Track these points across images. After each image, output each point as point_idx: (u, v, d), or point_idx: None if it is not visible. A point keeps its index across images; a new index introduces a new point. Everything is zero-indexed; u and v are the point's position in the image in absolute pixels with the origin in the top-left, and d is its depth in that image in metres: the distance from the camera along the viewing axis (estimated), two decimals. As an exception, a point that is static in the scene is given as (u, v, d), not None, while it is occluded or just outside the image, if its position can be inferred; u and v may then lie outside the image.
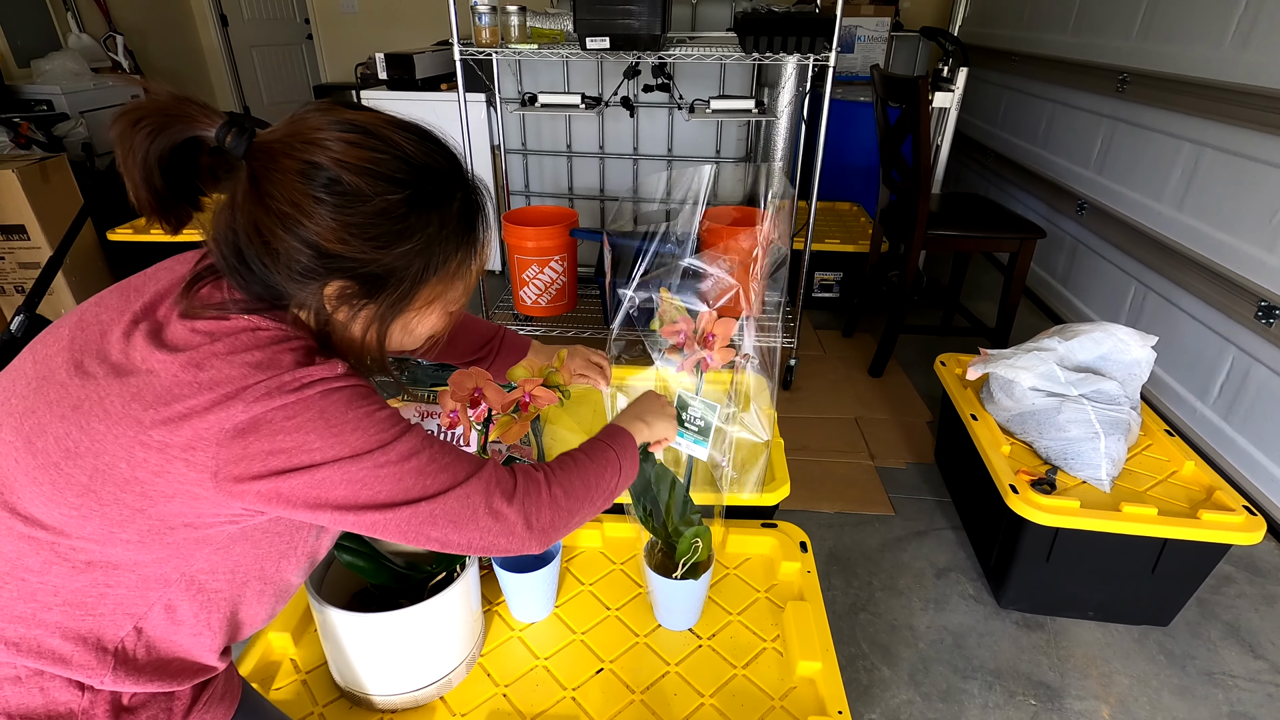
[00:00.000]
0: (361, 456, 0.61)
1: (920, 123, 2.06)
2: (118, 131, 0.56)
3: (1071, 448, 1.45)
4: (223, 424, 0.57)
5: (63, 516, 0.59)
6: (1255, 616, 1.54)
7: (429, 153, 0.63)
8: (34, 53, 3.75)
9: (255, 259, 0.59)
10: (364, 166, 0.58)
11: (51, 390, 0.60)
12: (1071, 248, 2.76)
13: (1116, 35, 2.51)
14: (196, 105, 0.58)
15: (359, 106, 0.63)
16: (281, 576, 0.72)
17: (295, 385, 0.59)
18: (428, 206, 0.62)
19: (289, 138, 0.59)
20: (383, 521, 0.63)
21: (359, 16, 5.11)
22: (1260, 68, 1.84)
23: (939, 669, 1.41)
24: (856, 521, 1.79)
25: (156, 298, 0.65)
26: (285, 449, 0.58)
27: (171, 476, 0.58)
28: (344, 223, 0.58)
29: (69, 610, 0.61)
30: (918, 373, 2.48)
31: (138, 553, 0.61)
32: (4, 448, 0.60)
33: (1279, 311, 1.72)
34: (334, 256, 0.59)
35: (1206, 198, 2.03)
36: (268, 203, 0.57)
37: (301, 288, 0.61)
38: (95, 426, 0.58)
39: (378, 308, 0.64)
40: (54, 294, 2.69)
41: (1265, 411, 1.80)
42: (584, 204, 2.95)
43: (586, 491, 0.77)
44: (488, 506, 0.68)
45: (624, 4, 1.90)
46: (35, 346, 0.66)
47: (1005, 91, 3.37)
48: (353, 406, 0.61)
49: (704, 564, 1.04)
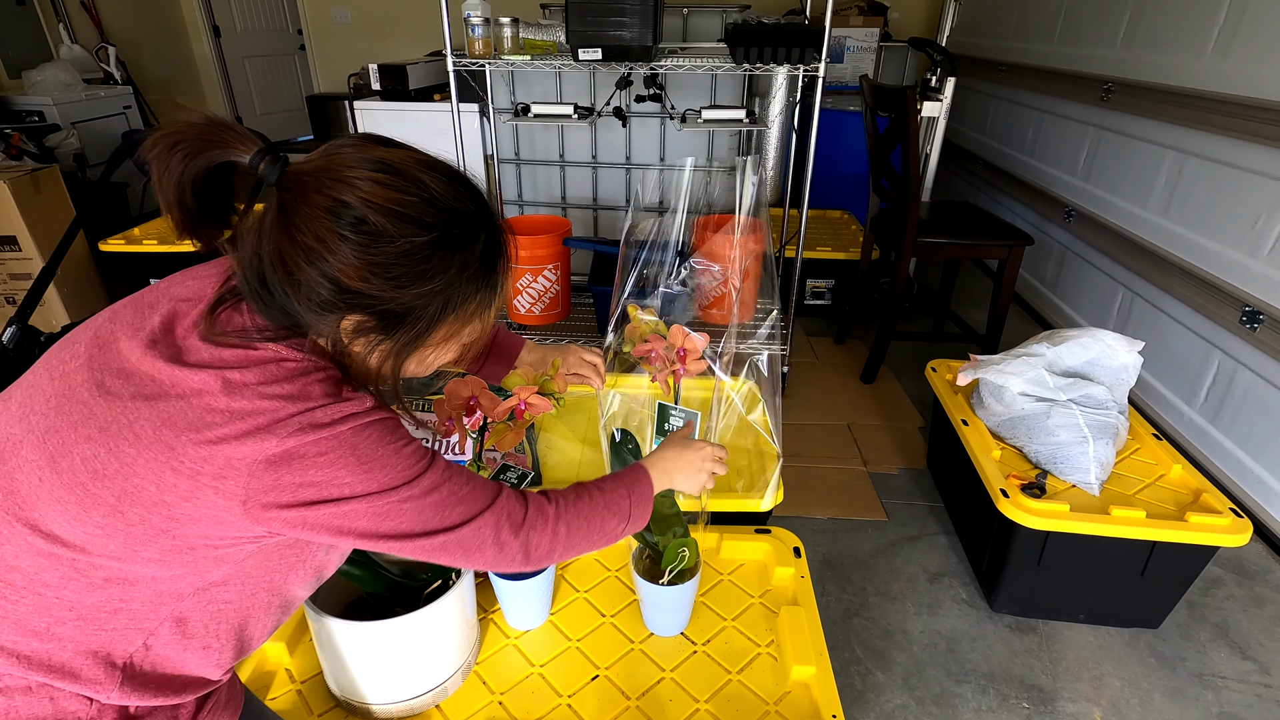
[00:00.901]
0: (388, 492, 0.63)
1: (909, 132, 2.09)
2: (155, 153, 0.58)
3: (1061, 452, 1.46)
4: (255, 455, 0.58)
5: (86, 535, 0.59)
6: (1244, 618, 1.56)
7: (457, 195, 0.63)
8: (25, 64, 3.74)
9: (277, 286, 0.60)
10: (391, 208, 0.59)
11: (74, 409, 0.61)
12: (1059, 254, 2.79)
13: (1101, 45, 2.55)
14: (233, 131, 0.59)
15: (392, 143, 0.63)
16: (288, 589, 0.73)
17: (328, 421, 0.60)
18: (451, 248, 0.63)
19: (321, 172, 0.60)
20: (398, 547, 0.66)
21: (352, 28, 5.13)
22: (1240, 77, 1.87)
23: (932, 673, 1.41)
24: (850, 527, 1.80)
25: (172, 315, 0.65)
26: (316, 482, 0.60)
27: (200, 501, 0.59)
28: (367, 261, 0.59)
29: (82, 625, 0.61)
30: (909, 379, 2.50)
31: (157, 569, 0.62)
32: (26, 466, 0.60)
33: (1263, 316, 1.75)
34: (354, 292, 0.60)
35: (1190, 204, 2.06)
36: (293, 234, 0.59)
37: (320, 319, 0.62)
38: (125, 450, 0.58)
39: (394, 343, 0.65)
40: (45, 305, 2.68)
41: (1251, 415, 1.82)
42: (577, 213, 2.96)
43: (588, 533, 0.79)
44: (495, 538, 0.71)
45: (616, 16, 1.92)
46: (51, 362, 0.66)
47: (993, 100, 3.41)
48: (383, 443, 0.63)
49: (690, 570, 1.04)
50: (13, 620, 0.60)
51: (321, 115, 4.86)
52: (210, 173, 0.60)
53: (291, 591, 0.74)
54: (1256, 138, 1.80)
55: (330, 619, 0.86)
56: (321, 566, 0.76)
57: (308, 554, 0.72)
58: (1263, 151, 1.79)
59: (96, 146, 3.67)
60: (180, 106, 0.61)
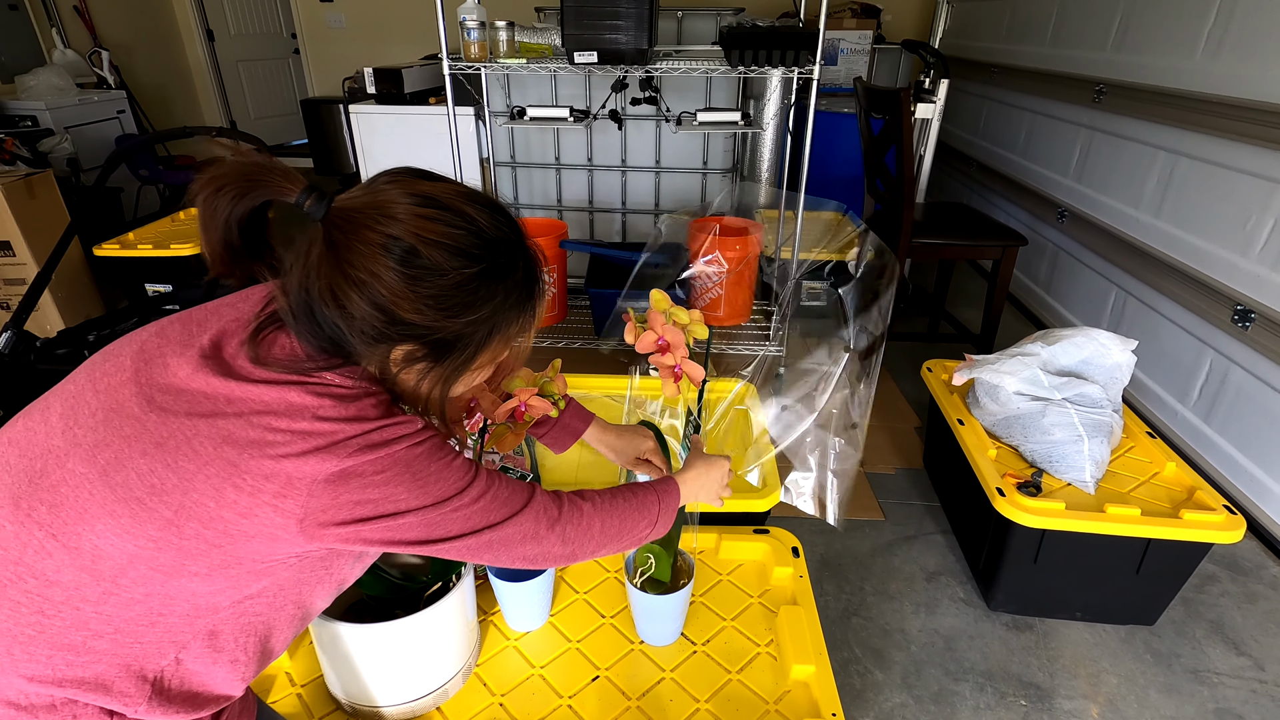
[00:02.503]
0: (441, 504, 0.66)
1: (903, 134, 2.10)
2: (202, 196, 0.59)
3: (1056, 450, 1.47)
4: (316, 473, 0.60)
5: (136, 549, 0.59)
6: (1238, 614, 1.57)
7: (498, 225, 0.66)
8: (18, 68, 3.73)
9: (327, 319, 0.62)
10: (441, 241, 0.61)
11: (125, 424, 0.61)
12: (1053, 254, 2.81)
13: (1092, 47, 2.57)
14: (278, 171, 0.61)
15: (433, 176, 0.66)
16: (312, 601, 0.74)
17: (383, 440, 0.63)
18: (496, 278, 0.65)
19: (370, 208, 0.61)
20: (445, 549, 0.68)
21: (345, 31, 5.13)
22: (1230, 78, 1.89)
23: (931, 671, 1.42)
24: (847, 527, 1.81)
25: (221, 334, 0.66)
26: (373, 499, 0.62)
27: (258, 518, 0.60)
28: (419, 293, 0.61)
29: (118, 639, 0.61)
30: (905, 379, 2.51)
31: (200, 583, 0.62)
32: (74, 479, 0.60)
33: (1254, 315, 1.77)
34: (407, 324, 0.62)
35: (1182, 205, 2.08)
36: (345, 269, 0.60)
37: (371, 349, 0.64)
38: (184, 465, 0.59)
39: (444, 370, 0.67)
40: (39, 310, 2.67)
41: (1243, 413, 1.84)
42: (573, 215, 2.97)
43: (619, 531, 0.82)
44: (534, 532, 0.74)
45: (611, 19, 1.92)
46: (93, 374, 0.66)
47: (986, 102, 3.43)
48: (434, 459, 0.66)
49: (670, 584, 1.04)
50: (48, 636, 0.60)
51: (316, 119, 4.86)
52: (254, 212, 0.62)
53: (314, 603, 0.75)
54: (1247, 138, 1.82)
55: (331, 622, 0.87)
56: (345, 578, 0.77)
57: (335, 566, 0.73)
58: (1253, 152, 1.81)
59: (90, 151, 3.66)
60: (223, 145, 0.63)
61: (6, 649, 0.59)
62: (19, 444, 0.64)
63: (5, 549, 0.60)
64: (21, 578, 0.59)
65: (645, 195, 2.94)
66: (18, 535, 0.60)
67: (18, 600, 0.59)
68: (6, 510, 0.61)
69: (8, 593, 0.59)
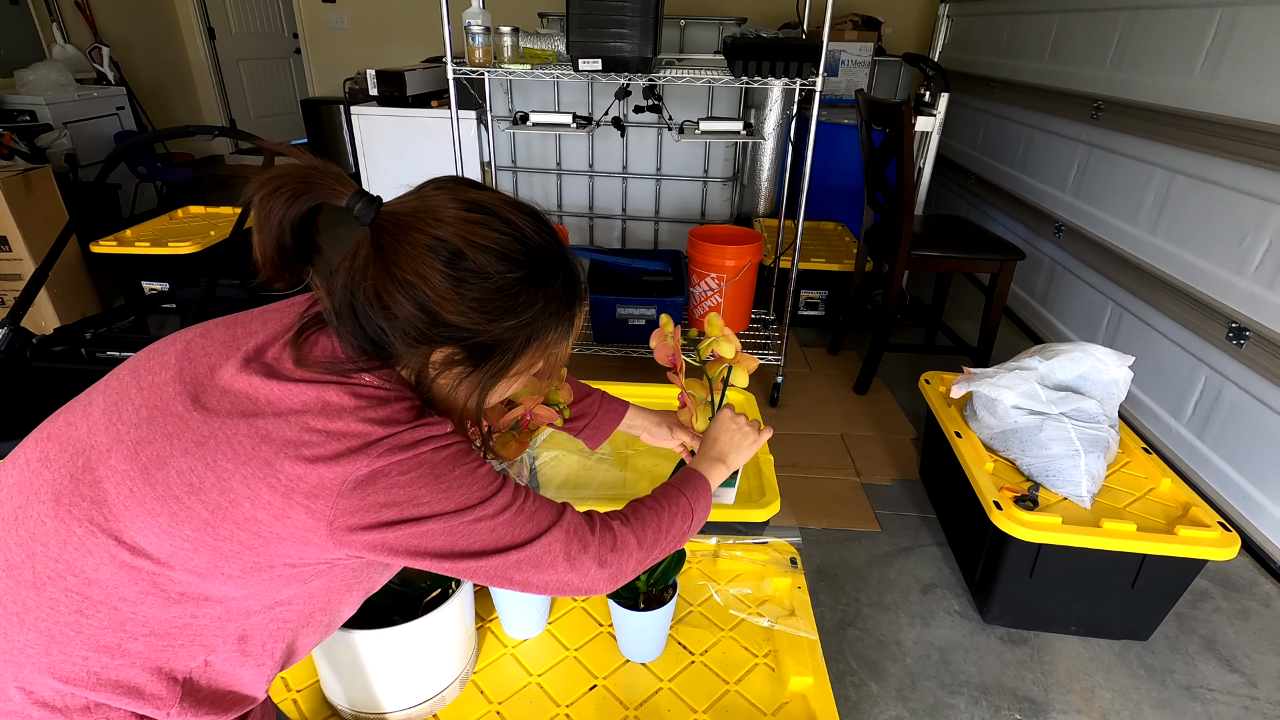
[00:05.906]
0: (464, 511, 0.65)
1: (904, 146, 2.11)
2: (259, 197, 0.60)
3: (1053, 465, 1.48)
4: (346, 475, 0.60)
5: (173, 548, 0.59)
6: (1231, 631, 1.58)
7: (541, 233, 0.67)
8: (17, 63, 3.72)
9: (370, 320, 0.63)
10: (488, 246, 0.63)
11: (169, 423, 0.61)
12: (1050, 269, 2.83)
13: (1091, 64, 2.59)
14: (331, 175, 0.62)
15: (479, 185, 0.67)
16: (340, 608, 0.74)
17: (411, 442, 0.63)
18: (537, 284, 0.66)
19: (419, 212, 0.63)
20: (474, 567, 0.67)
21: (347, 32, 5.13)
22: (1227, 98, 1.91)
23: (926, 684, 1.42)
24: (843, 538, 1.81)
25: (269, 340, 0.67)
26: (398, 501, 0.62)
27: (290, 520, 0.60)
28: (463, 295, 0.62)
29: (152, 640, 0.61)
30: (902, 390, 2.52)
31: (233, 587, 0.62)
32: (116, 475, 0.60)
33: (1249, 333, 1.78)
34: (449, 325, 0.63)
35: (1179, 222, 2.10)
36: (393, 270, 0.61)
37: (412, 351, 0.64)
38: (222, 465, 0.59)
39: (482, 375, 0.68)
40: (35, 306, 2.65)
41: (1237, 430, 1.85)
42: (573, 221, 2.97)
43: (657, 539, 0.80)
44: (565, 552, 0.71)
45: (615, 27, 1.93)
46: (138, 372, 0.66)
47: (985, 116, 3.46)
48: (459, 464, 0.65)
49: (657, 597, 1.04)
50: (86, 636, 0.59)
51: (316, 119, 4.86)
52: (305, 215, 0.63)
53: (342, 611, 0.75)
54: (1243, 157, 1.84)
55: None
56: (373, 587, 0.77)
57: (365, 575, 0.73)
58: (1249, 171, 1.83)
59: (88, 147, 3.65)
60: (280, 149, 0.64)
61: (44, 649, 0.59)
62: (59, 439, 0.64)
63: (45, 545, 0.59)
64: (61, 575, 0.59)
65: (646, 202, 2.95)
66: (58, 531, 0.59)
67: (57, 598, 0.59)
68: (48, 505, 0.60)
69: (47, 590, 0.59)
